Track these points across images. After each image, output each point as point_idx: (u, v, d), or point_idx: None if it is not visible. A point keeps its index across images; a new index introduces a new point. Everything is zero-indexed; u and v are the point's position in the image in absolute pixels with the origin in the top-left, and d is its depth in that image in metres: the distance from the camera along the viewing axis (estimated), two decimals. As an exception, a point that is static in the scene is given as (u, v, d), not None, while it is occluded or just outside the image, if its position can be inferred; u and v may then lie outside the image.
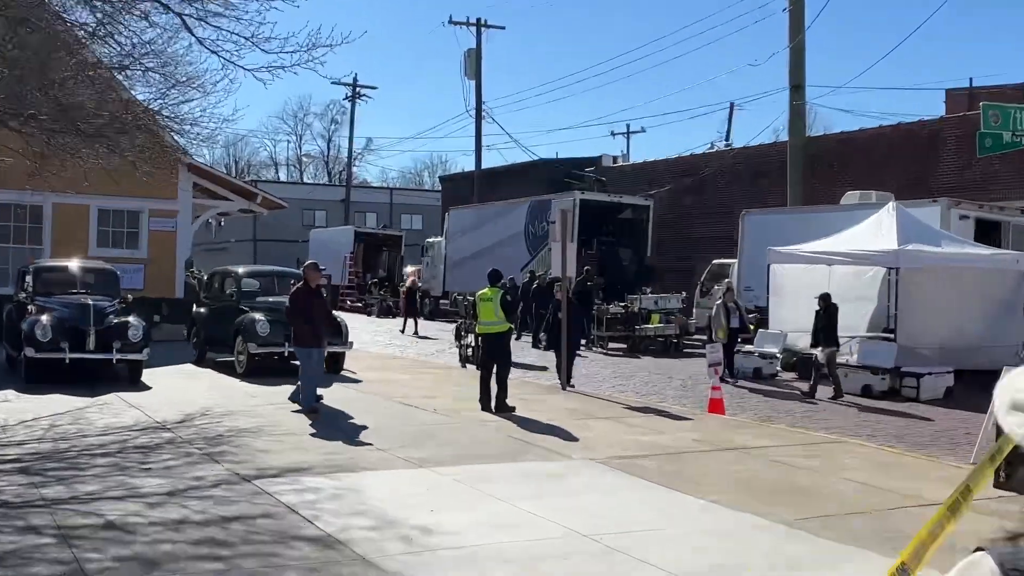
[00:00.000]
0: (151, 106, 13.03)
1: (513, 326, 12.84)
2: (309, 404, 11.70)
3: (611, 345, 22.65)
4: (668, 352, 22.50)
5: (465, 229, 33.90)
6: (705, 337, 22.49)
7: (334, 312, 21.04)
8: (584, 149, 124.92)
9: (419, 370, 17.94)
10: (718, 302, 16.89)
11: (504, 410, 12.27)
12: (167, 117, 13.22)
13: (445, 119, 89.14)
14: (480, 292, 12.94)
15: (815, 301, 15.73)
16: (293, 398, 11.94)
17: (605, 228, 30.70)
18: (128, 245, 23.23)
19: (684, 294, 24.47)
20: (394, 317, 35.06)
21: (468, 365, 18.61)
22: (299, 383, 11.92)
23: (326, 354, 15.41)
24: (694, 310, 25.15)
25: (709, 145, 41.56)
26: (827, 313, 15.41)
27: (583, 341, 19.99)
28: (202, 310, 18.17)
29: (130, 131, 12.91)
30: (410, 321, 28.11)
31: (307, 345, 11.73)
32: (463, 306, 19.80)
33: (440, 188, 55.80)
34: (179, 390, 13.85)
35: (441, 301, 35.54)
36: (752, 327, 17.84)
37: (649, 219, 29.03)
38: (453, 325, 23.32)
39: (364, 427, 10.81)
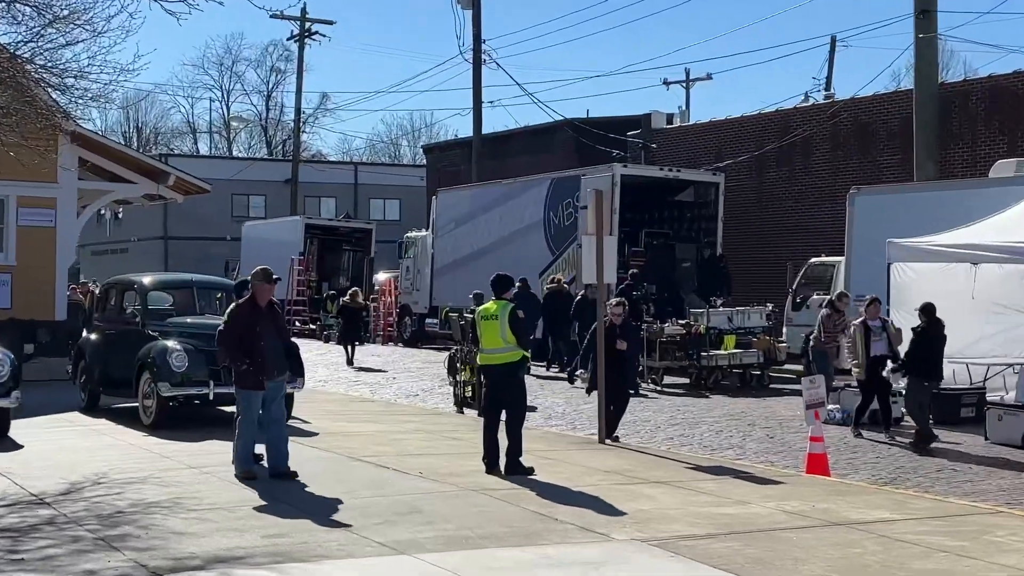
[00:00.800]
0: (19, 51, 13.11)
1: (528, 353, 12.83)
2: (244, 467, 11.72)
3: (667, 380, 22.64)
4: (748, 389, 22.46)
5: (460, 218, 33.99)
6: (801, 368, 22.46)
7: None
8: (626, 105, 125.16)
9: (398, 417, 17.94)
10: (856, 320, 16.72)
11: (518, 472, 12.26)
12: (41, 66, 13.28)
13: (430, 65, 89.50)
14: (482, 307, 12.95)
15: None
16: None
17: (657, 215, 30.69)
18: (-12, 247, 23.39)
19: (770, 307, 24.45)
20: (361, 343, 35.17)
21: (467, 410, 18.63)
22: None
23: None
24: (784, 329, 25.13)
25: (802, 97, 41.60)
26: (924, 332, 15.35)
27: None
28: (93, 337, 18.24)
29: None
30: (352, 348, 28.49)
31: (247, 386, 11.75)
32: (458, 327, 19.83)
33: (424, 162, 55.95)
34: (62, 449, 13.88)
35: (427, 320, 35.63)
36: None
37: (718, 202, 29.05)
38: (444, 354, 23.34)
39: (323, 499, 10.81)
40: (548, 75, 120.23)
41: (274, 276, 12.00)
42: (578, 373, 21.54)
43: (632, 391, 16.17)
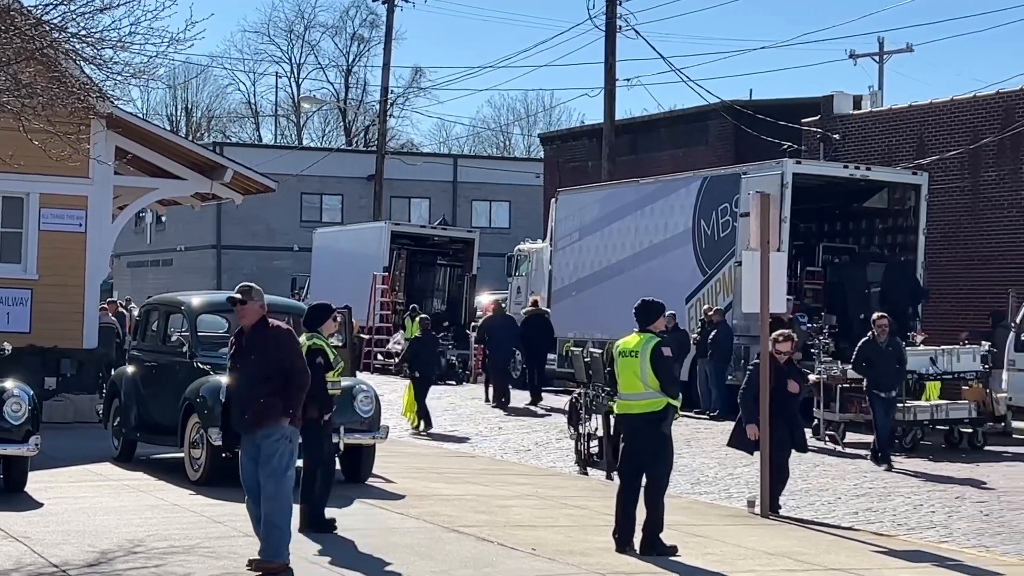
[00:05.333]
0: (46, 17, 13.44)
1: (677, 402, 12.76)
2: (279, 553, 11.07)
3: (850, 437, 22.35)
4: (956, 451, 22.08)
5: (586, 227, 33.98)
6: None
7: (357, 373, 21.26)
8: (800, 84, 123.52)
9: (504, 478, 17.99)
10: None
11: (656, 551, 12.24)
12: (74, 35, 13.61)
13: (551, 33, 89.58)
14: (620, 342, 12.92)
15: None
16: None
17: (839, 225, 30.28)
18: (5, 256, 23.91)
19: (986, 346, 24.02)
20: (460, 383, 35.33)
21: (592, 470, 18.58)
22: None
23: (341, 448, 15.65)
24: (1005, 374, 24.66)
25: (1032, 74, 40.63)
26: None
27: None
28: (130, 371, 18.60)
29: (11, 60, 13.33)
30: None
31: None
32: (582, 365, 19.81)
33: (542, 155, 56.16)
34: (90, 509, 14.15)
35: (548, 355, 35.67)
36: None
37: (920, 209, 28.62)
38: (564, 399, 23.30)
39: (408, 579, 10.90)
40: (701, 46, 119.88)
41: (241, 289, 11.45)
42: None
43: (802, 449, 16.01)
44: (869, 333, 20.74)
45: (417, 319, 26.79)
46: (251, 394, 11.14)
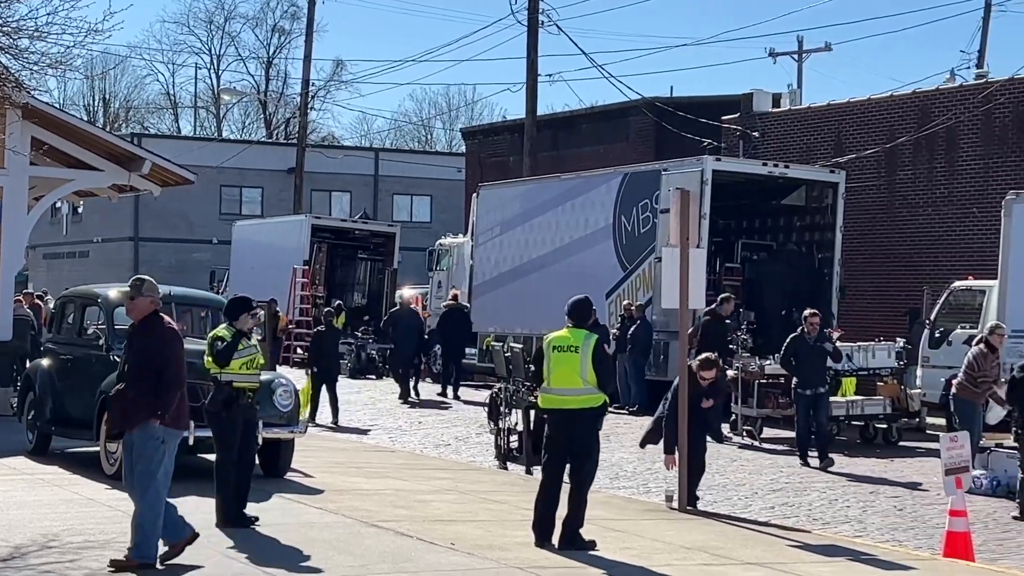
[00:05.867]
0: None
1: (607, 399, 12.80)
2: (141, 553, 10.88)
3: (768, 432, 22.52)
4: (871, 446, 22.32)
5: (507, 222, 34.04)
6: (942, 421, 22.24)
7: (278, 367, 21.29)
8: (720, 82, 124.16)
9: (424, 473, 17.99)
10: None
11: (576, 546, 12.28)
12: (-12, 24, 13.48)
13: (473, 27, 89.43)
14: (553, 336, 12.85)
15: None
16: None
17: (758, 222, 30.52)
18: (-84, 248, 23.57)
19: (900, 343, 24.31)
20: (380, 377, 35.28)
21: (512, 465, 18.61)
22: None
23: (259, 442, 15.61)
24: (919, 371, 24.97)
25: (948, 75, 41.31)
26: None
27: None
28: (45, 363, 18.42)
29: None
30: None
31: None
32: (502, 360, 19.82)
33: (463, 150, 56.15)
34: (3, 503, 13.99)
35: (467, 350, 35.70)
36: None
37: (837, 207, 28.92)
38: (485, 393, 23.32)
39: (328, 573, 10.84)
40: (622, 43, 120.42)
41: (132, 284, 11.29)
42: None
43: (717, 439, 16.12)
44: (799, 328, 20.82)
45: (325, 311, 26.77)
46: (123, 391, 10.99)
